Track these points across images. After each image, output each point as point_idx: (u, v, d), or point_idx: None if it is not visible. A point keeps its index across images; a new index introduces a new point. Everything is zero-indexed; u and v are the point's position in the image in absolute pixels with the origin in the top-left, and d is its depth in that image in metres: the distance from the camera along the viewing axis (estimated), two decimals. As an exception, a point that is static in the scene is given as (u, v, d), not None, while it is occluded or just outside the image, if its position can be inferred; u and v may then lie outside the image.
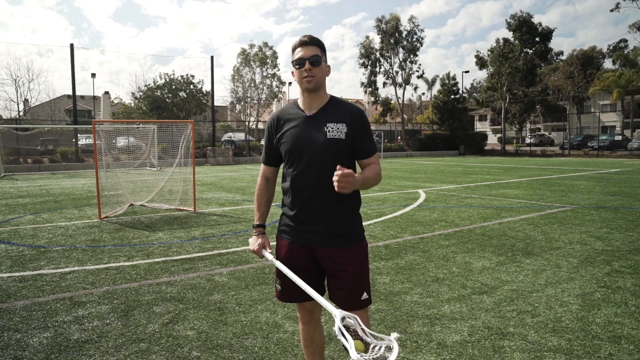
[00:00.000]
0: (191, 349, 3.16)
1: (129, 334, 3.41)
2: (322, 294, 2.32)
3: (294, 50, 2.22)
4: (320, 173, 2.16)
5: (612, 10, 37.56)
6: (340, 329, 1.71)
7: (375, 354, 1.65)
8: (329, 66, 2.28)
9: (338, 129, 2.17)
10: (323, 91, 2.24)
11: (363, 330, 1.75)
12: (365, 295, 2.23)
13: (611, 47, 49.03)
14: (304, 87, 2.19)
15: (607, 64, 49.93)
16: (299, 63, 2.17)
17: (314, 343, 2.44)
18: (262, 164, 2.44)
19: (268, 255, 2.27)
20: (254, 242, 2.33)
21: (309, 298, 2.29)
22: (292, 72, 2.25)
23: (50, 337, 3.36)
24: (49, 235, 6.92)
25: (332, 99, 2.26)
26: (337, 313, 1.77)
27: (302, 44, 2.19)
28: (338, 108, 2.22)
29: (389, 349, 1.67)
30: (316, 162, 2.17)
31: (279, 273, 2.31)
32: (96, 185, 8.61)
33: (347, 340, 1.67)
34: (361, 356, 1.61)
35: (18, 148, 25.58)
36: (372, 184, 2.21)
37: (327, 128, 2.17)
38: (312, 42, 2.20)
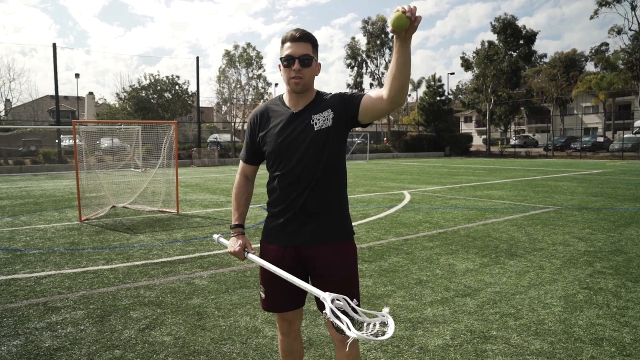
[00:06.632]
0: (167, 356, 3.07)
1: (104, 340, 3.30)
2: (303, 304, 2.27)
3: (283, 43, 2.06)
4: (312, 168, 2.05)
5: (591, 18, 37.94)
6: (332, 310, 1.66)
7: (371, 331, 1.62)
8: (319, 64, 2.11)
9: (325, 117, 2.05)
10: (310, 90, 2.11)
11: (354, 310, 1.70)
12: (354, 302, 2.14)
13: (593, 50, 49.82)
14: (291, 89, 2.06)
15: (589, 66, 50.77)
16: (287, 60, 2.01)
17: (294, 353, 2.35)
18: (241, 162, 2.31)
19: (252, 256, 2.13)
20: (233, 244, 2.16)
21: (293, 307, 2.24)
22: (279, 66, 2.10)
23: (20, 345, 3.24)
24: (26, 238, 6.75)
25: (318, 94, 2.14)
26: (326, 296, 1.71)
27: (292, 39, 2.02)
28: (322, 100, 2.12)
29: (383, 324, 1.64)
30: (307, 158, 2.05)
31: (263, 281, 2.21)
32: (77, 187, 8.43)
33: (342, 321, 1.62)
34: (360, 333, 1.58)
35: (-2, 149, 25.11)
36: (409, 67, 1.83)
37: (313, 121, 2.06)
38: (304, 38, 2.03)
